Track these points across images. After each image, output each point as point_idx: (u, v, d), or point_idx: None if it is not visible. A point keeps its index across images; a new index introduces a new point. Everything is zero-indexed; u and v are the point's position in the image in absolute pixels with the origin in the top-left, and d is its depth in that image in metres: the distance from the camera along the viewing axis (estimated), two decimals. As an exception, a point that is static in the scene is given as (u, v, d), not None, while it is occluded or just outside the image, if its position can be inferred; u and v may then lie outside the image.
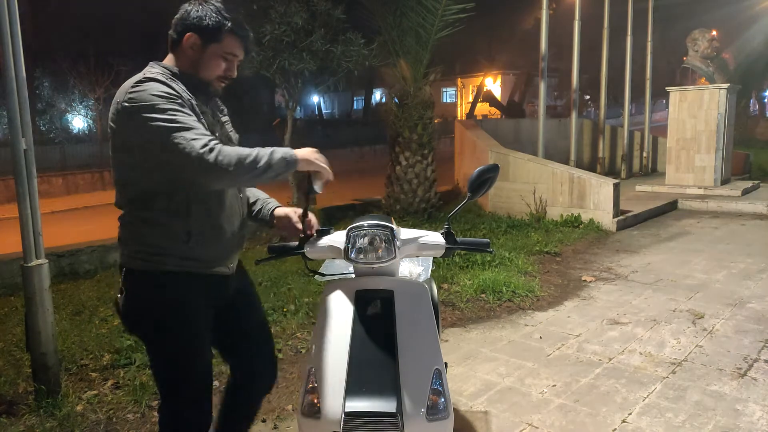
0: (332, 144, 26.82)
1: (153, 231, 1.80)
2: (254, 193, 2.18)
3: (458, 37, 8.64)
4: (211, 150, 1.62)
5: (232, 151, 1.65)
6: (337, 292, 1.83)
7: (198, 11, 1.81)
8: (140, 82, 1.73)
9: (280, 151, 1.73)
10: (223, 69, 1.87)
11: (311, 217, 2.02)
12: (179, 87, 1.78)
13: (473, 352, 3.85)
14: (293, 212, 2.05)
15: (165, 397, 1.96)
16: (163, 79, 1.75)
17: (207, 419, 2.02)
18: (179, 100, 1.71)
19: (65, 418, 3.00)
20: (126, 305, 1.86)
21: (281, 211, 2.10)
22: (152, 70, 1.81)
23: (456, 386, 3.33)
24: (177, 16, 1.86)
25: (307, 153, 1.79)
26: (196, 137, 1.63)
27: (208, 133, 1.70)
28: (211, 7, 1.82)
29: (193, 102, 1.80)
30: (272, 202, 2.16)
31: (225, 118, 2.04)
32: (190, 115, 1.70)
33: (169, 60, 1.87)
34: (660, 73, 17.18)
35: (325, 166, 1.81)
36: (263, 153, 1.69)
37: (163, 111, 1.66)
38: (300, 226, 1.97)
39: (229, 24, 1.82)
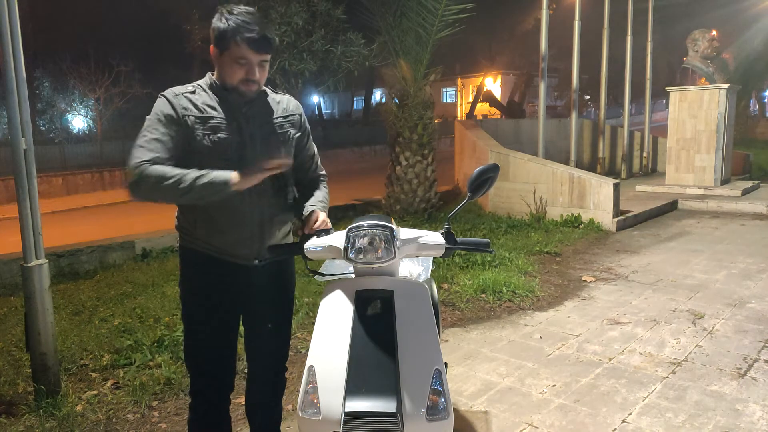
0: (332, 144, 26.84)
1: (180, 215, 2.10)
2: (316, 196, 2.19)
3: (458, 37, 8.64)
4: (136, 167, 1.81)
5: (156, 172, 1.81)
6: (337, 292, 1.83)
7: (214, 23, 1.90)
8: (159, 95, 1.97)
9: (212, 175, 1.82)
10: (243, 73, 1.91)
11: (319, 216, 2.01)
12: (203, 98, 1.95)
13: (473, 352, 3.85)
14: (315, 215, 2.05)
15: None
16: (170, 96, 1.93)
17: (212, 413, 2.11)
18: (162, 119, 1.90)
19: (65, 418, 3.00)
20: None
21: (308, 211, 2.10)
22: (196, 82, 2.03)
23: (456, 386, 3.33)
24: None
25: (240, 176, 1.85)
26: (137, 156, 1.83)
27: (154, 155, 1.84)
28: (225, 16, 1.88)
29: (206, 117, 1.93)
30: (314, 206, 2.13)
31: (279, 120, 2.08)
32: (159, 132, 1.88)
33: (216, 69, 2.02)
34: (660, 73, 17.18)
35: (262, 173, 1.86)
36: (190, 177, 1.81)
37: (144, 127, 1.90)
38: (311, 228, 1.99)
39: (230, 32, 1.86)
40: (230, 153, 1.94)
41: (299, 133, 2.15)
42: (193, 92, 1.97)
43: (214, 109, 1.95)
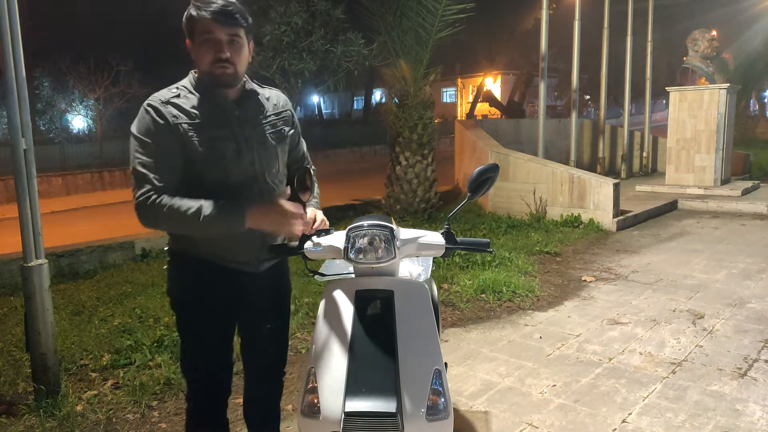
0: (332, 144, 26.84)
1: None
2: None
3: (458, 37, 8.64)
4: (145, 202, 1.75)
5: (167, 205, 1.74)
6: (337, 292, 1.83)
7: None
8: (144, 105, 1.85)
9: (227, 209, 1.77)
10: (212, 53, 1.81)
11: (317, 216, 2.00)
12: (192, 102, 1.85)
13: (473, 352, 3.85)
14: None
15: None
16: (157, 105, 1.82)
17: (210, 419, 2.08)
18: (155, 131, 1.79)
19: (65, 418, 3.00)
20: (167, 282, 2.08)
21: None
22: (179, 83, 1.92)
23: (456, 386, 3.33)
24: None
25: (260, 215, 1.78)
26: (141, 185, 1.76)
27: (157, 181, 1.77)
28: (193, 4, 1.81)
29: (198, 123, 1.84)
30: (311, 204, 2.10)
31: (272, 119, 2.01)
32: (155, 151, 1.79)
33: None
34: (660, 73, 17.18)
35: (278, 226, 1.80)
36: (208, 210, 1.75)
37: (134, 137, 1.82)
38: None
39: (195, 9, 1.79)
40: (226, 158, 1.87)
41: (293, 130, 2.10)
42: (178, 96, 1.86)
43: (204, 113, 1.85)
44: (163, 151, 1.80)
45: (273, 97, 2.06)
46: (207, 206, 1.75)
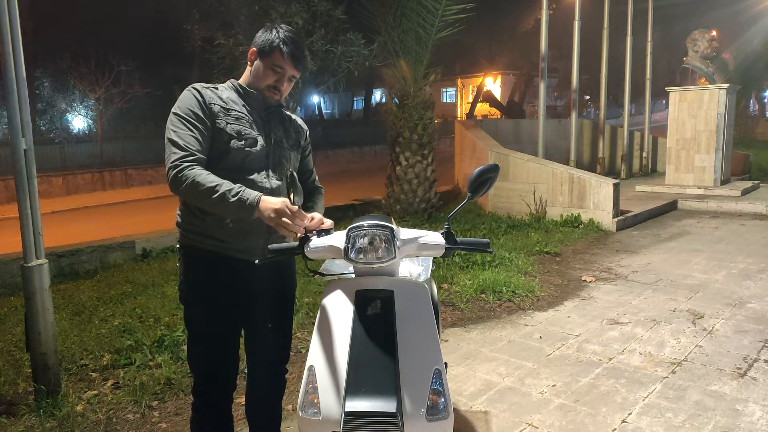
0: (332, 144, 26.85)
1: (185, 208, 2.09)
2: (313, 198, 2.35)
3: (458, 37, 8.64)
4: (176, 167, 1.90)
5: (195, 176, 1.88)
6: (337, 292, 1.83)
7: (263, 33, 2.10)
8: (187, 88, 2.06)
9: (246, 195, 1.86)
10: (273, 80, 2.08)
11: (316, 215, 2.02)
12: (227, 94, 2.08)
13: (473, 352, 3.85)
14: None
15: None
16: (198, 87, 2.04)
17: (215, 412, 2.13)
18: (194, 109, 1.98)
19: (65, 418, 3.00)
20: (179, 276, 2.17)
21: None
22: (218, 84, 2.15)
23: (456, 386, 3.33)
24: None
25: (271, 205, 1.85)
26: (175, 152, 1.92)
27: (192, 150, 1.94)
28: (273, 30, 2.08)
29: (229, 109, 2.04)
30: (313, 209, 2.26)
31: (291, 130, 2.23)
32: (191, 127, 1.96)
33: (245, 73, 2.16)
34: (660, 73, 17.19)
35: (283, 225, 1.84)
36: (225, 189, 1.86)
37: (174, 114, 1.99)
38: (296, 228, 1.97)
39: (278, 41, 2.05)
40: (249, 143, 2.04)
41: (307, 147, 2.33)
42: (217, 88, 2.10)
43: (236, 103, 2.08)
44: (198, 126, 1.98)
45: (293, 118, 2.32)
46: (225, 185, 1.87)
